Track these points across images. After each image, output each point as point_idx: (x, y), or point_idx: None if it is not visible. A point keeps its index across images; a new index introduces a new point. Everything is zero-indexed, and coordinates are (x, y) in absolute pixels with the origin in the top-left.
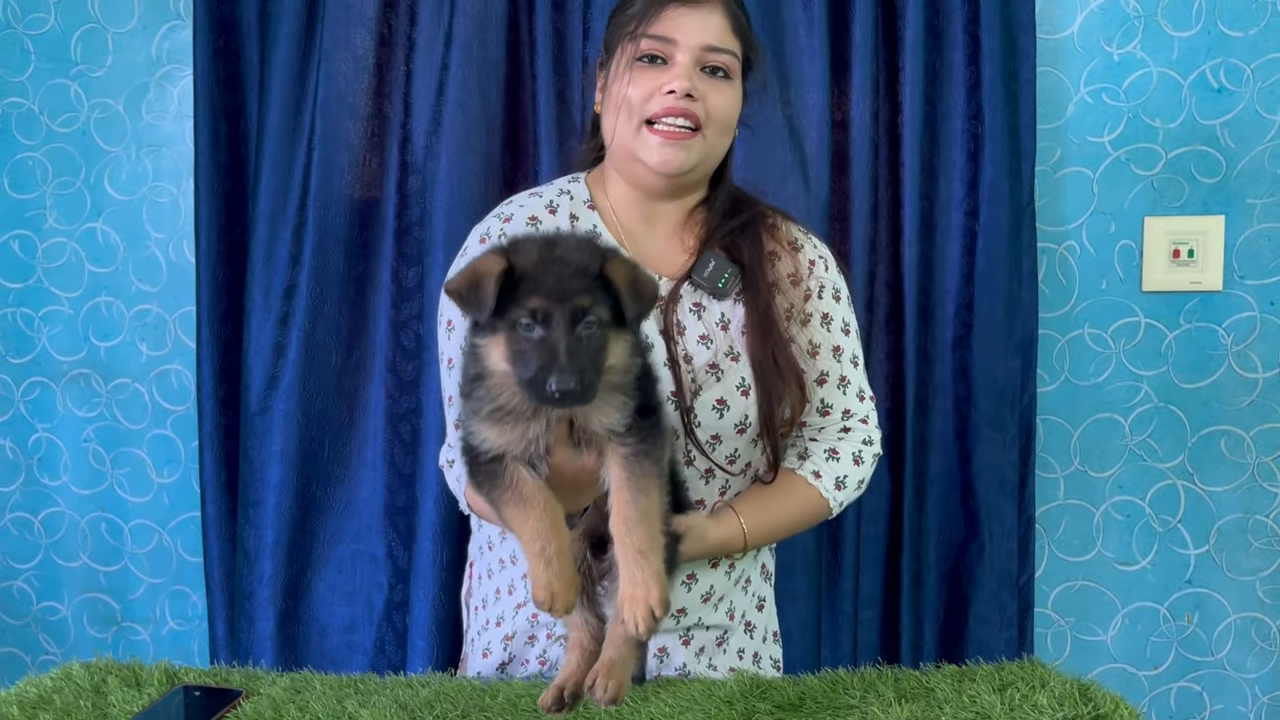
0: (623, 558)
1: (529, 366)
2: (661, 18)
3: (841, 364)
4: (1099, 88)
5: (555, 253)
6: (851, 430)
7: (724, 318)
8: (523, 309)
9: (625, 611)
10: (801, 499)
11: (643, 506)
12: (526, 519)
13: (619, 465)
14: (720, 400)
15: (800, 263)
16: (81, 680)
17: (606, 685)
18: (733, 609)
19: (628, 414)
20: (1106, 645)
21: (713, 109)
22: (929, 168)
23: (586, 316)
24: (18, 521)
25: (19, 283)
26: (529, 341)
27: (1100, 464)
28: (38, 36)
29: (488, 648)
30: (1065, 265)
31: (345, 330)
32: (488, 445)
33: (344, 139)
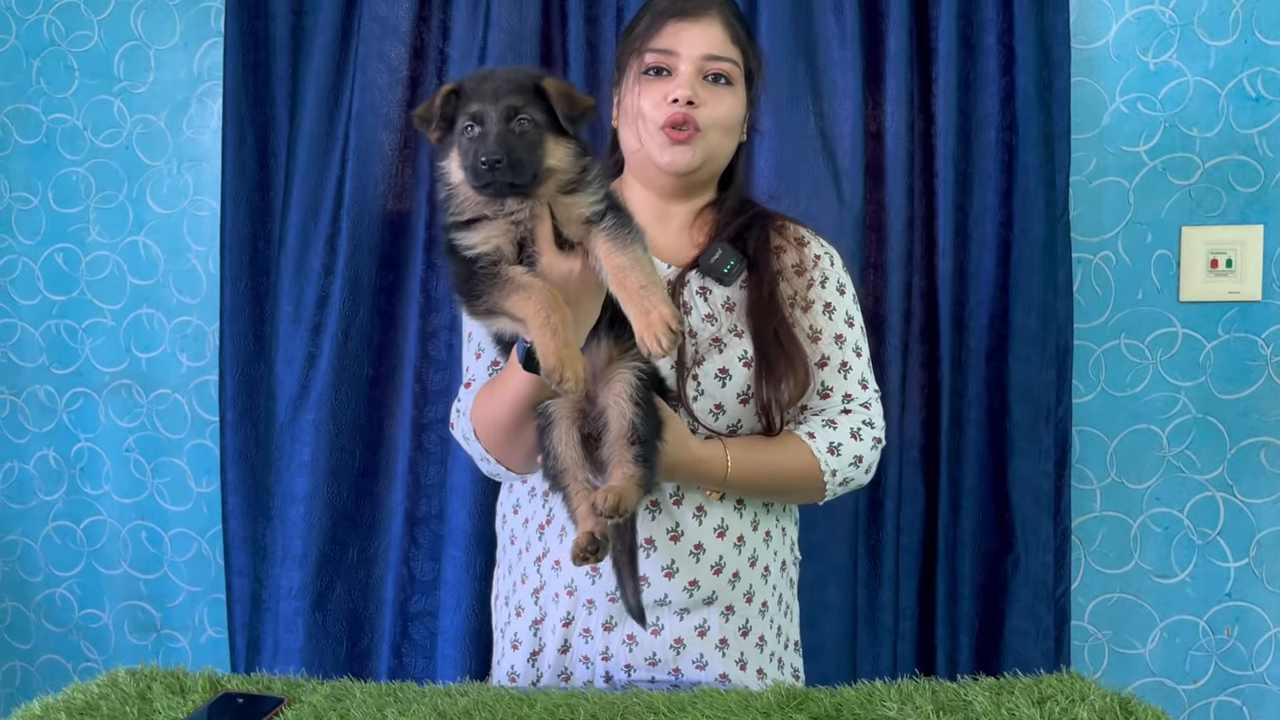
0: (627, 300)
1: (469, 158)
2: (663, 33)
3: (843, 351)
4: (1135, 97)
5: (493, 73)
6: (851, 412)
7: (729, 300)
8: (465, 115)
9: (645, 339)
10: (792, 452)
11: (632, 254)
12: (528, 298)
13: (602, 241)
14: (723, 369)
15: (805, 256)
16: (127, 687)
17: (607, 496)
18: (751, 592)
19: (599, 201)
20: (1145, 659)
21: (714, 114)
22: (963, 178)
23: (519, 115)
24: (61, 530)
25: (63, 295)
26: (471, 140)
27: (1137, 475)
28: (82, 54)
29: (516, 639)
30: (1101, 275)
31: (377, 340)
32: (476, 246)
33: (377, 150)
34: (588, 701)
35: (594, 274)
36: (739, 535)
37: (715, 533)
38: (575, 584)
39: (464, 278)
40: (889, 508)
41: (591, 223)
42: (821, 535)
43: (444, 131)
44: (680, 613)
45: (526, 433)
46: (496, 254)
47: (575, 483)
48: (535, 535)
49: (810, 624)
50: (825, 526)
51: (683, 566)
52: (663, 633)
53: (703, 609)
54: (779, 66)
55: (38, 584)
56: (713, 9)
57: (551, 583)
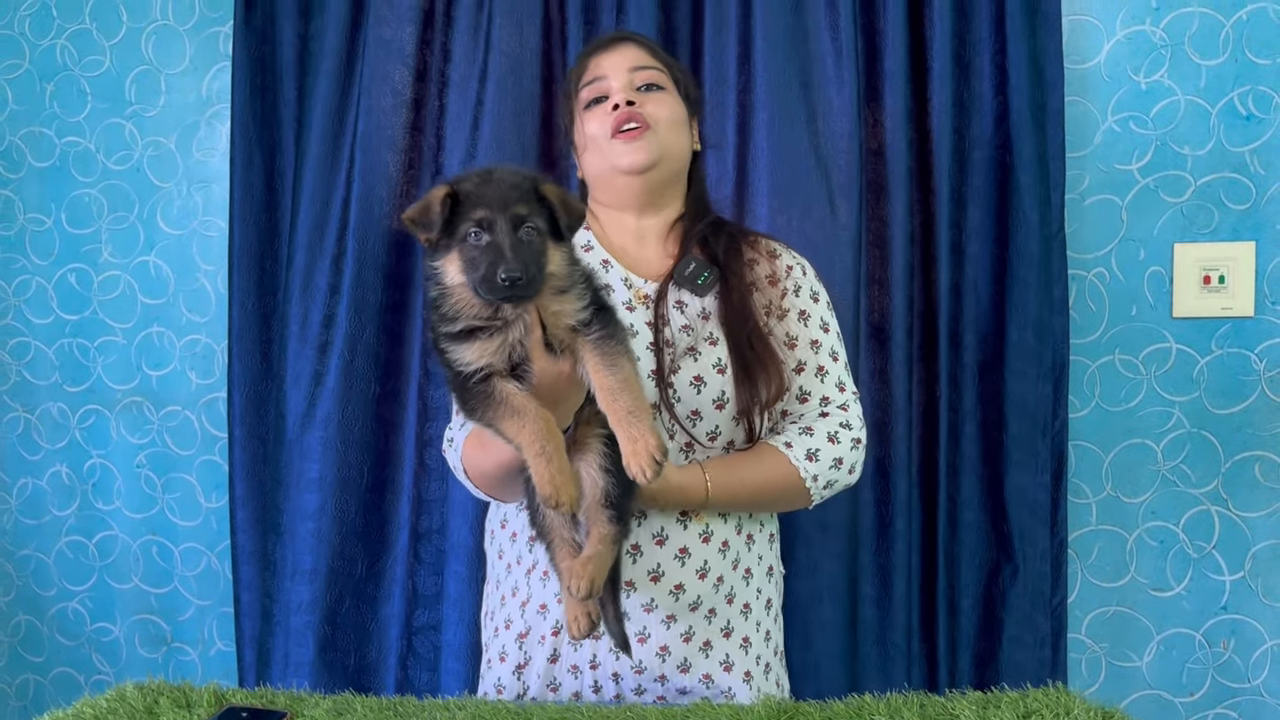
0: (616, 423)
1: (479, 267)
2: (589, 68)
3: (819, 356)
4: (1127, 116)
5: (493, 176)
6: (829, 415)
7: (704, 310)
8: (469, 220)
9: (631, 467)
10: (770, 464)
11: (620, 375)
12: (523, 425)
13: (590, 352)
14: (697, 377)
15: (778, 267)
16: (135, 701)
17: (580, 583)
18: (732, 594)
19: (585, 305)
20: (1141, 671)
21: (654, 111)
22: (958, 196)
23: (526, 223)
24: (73, 545)
25: (75, 314)
26: (477, 248)
27: (1133, 489)
28: (94, 78)
29: (503, 651)
30: (1095, 292)
31: (383, 358)
32: (471, 364)
33: (383, 172)
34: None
35: (580, 377)
36: (723, 540)
37: (700, 538)
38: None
39: (457, 387)
40: (899, 526)
41: (578, 330)
42: (814, 551)
43: (442, 235)
44: (667, 621)
45: (516, 483)
46: (489, 369)
47: (559, 540)
48: (525, 548)
49: (804, 641)
50: (819, 542)
51: (668, 570)
52: (649, 640)
53: (688, 615)
54: (774, 85)
55: (50, 598)
56: (626, 39)
57: (539, 594)
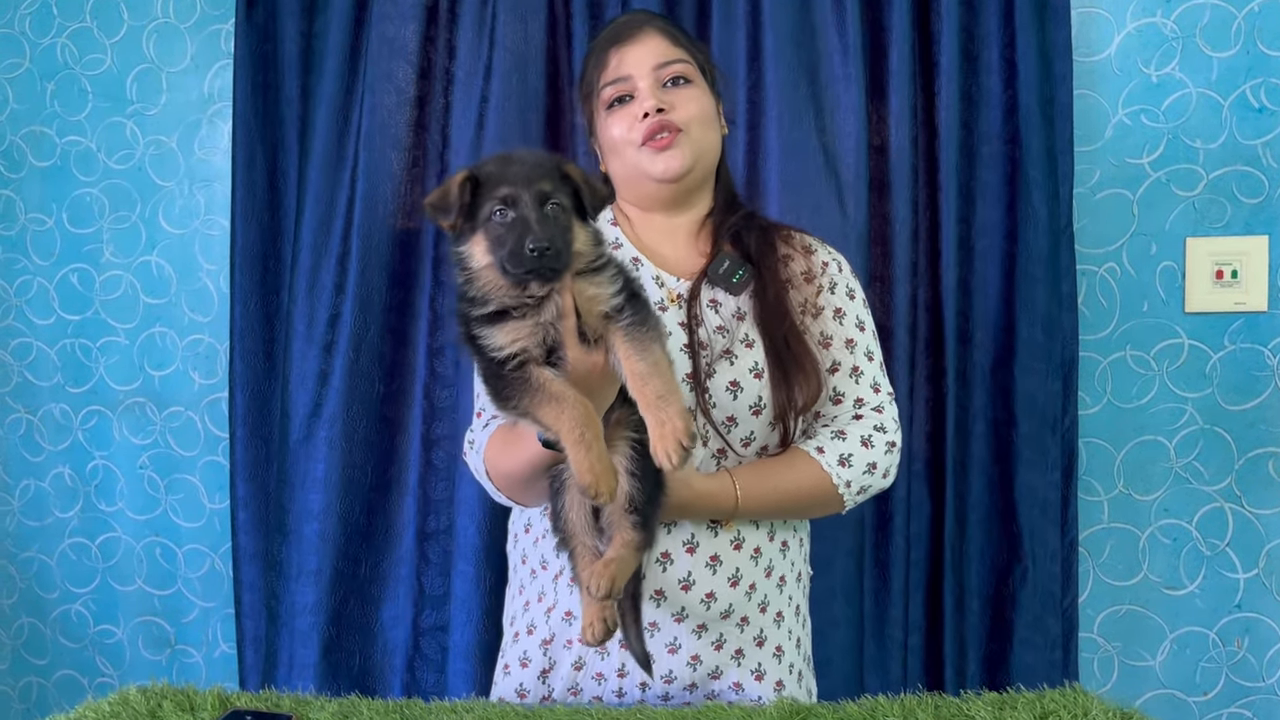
0: (645, 407)
1: (505, 244)
2: (609, 63)
3: (854, 356)
4: (1137, 109)
5: (514, 157)
6: (863, 417)
7: (739, 310)
8: (494, 199)
9: (657, 451)
10: (801, 469)
11: (651, 360)
12: (561, 412)
13: (622, 339)
14: (733, 382)
15: (814, 263)
16: (138, 705)
17: (599, 582)
18: (765, 602)
19: (619, 289)
20: (1155, 670)
21: (685, 112)
22: (966, 192)
23: (551, 199)
24: (76, 547)
25: (77, 314)
26: (502, 226)
27: (1145, 487)
28: (95, 77)
29: (525, 656)
30: (1106, 287)
31: (388, 358)
32: (504, 349)
33: (387, 170)
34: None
35: (613, 368)
36: (755, 547)
37: (732, 544)
38: None
39: (490, 375)
40: (897, 521)
41: (611, 317)
42: (828, 548)
43: (463, 218)
44: (698, 630)
45: (540, 485)
46: (524, 355)
47: (582, 546)
48: (551, 553)
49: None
50: (832, 539)
51: (699, 579)
52: (679, 651)
53: (719, 623)
54: (782, 83)
55: (54, 600)
56: (646, 26)
57: (565, 600)
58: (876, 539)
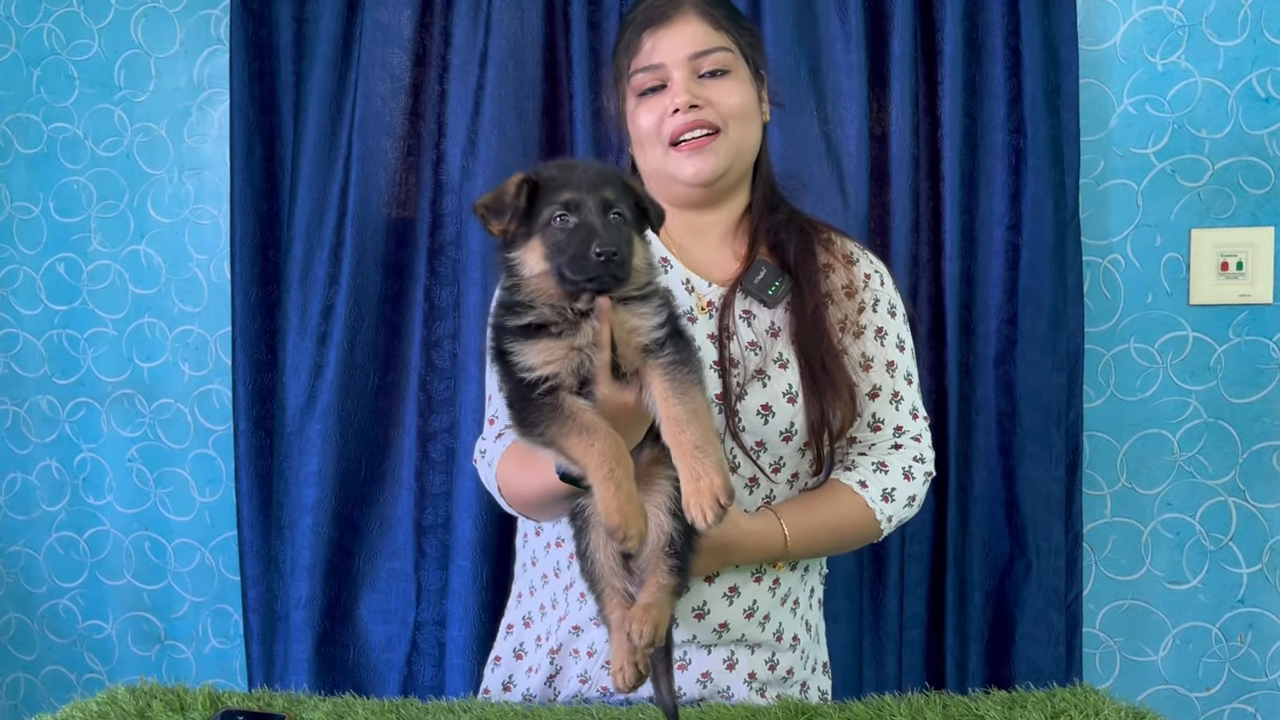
0: (679, 457)
1: (566, 249)
2: (643, 49)
3: (895, 379)
4: (1143, 99)
5: (577, 163)
6: (903, 447)
7: (774, 325)
8: (555, 204)
9: (690, 507)
10: (845, 506)
11: (690, 406)
12: (591, 445)
13: (659, 378)
14: (765, 406)
15: (856, 275)
16: (127, 704)
17: (642, 629)
18: (780, 630)
19: (663, 320)
20: (1157, 666)
21: (723, 108)
22: (969, 182)
23: (614, 208)
24: (64, 541)
25: (64, 305)
26: (564, 231)
27: (1149, 481)
28: (82, 62)
29: (534, 665)
30: (1110, 279)
31: (382, 350)
32: (535, 370)
33: (381, 159)
34: (590, 717)
35: (645, 408)
36: (775, 579)
37: (753, 577)
38: None
39: (517, 398)
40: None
41: (650, 351)
42: None
43: (519, 223)
44: (707, 647)
45: (556, 509)
46: (556, 380)
47: (610, 589)
48: (564, 562)
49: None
50: None
51: (714, 609)
52: (689, 668)
53: (731, 645)
54: (783, 70)
55: (41, 595)
56: (684, 5)
57: (575, 614)
58: None
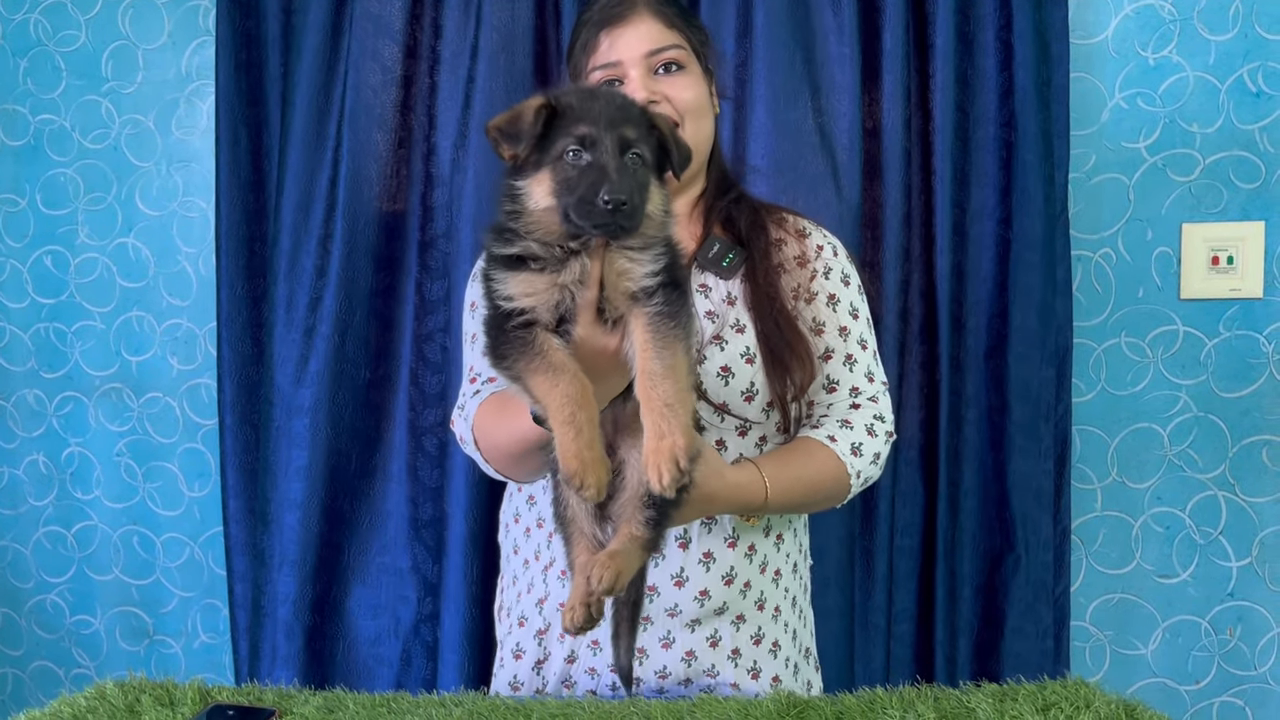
0: (647, 413)
1: (575, 189)
2: (599, 47)
3: (847, 343)
4: (1134, 93)
5: (600, 92)
6: (861, 407)
7: (730, 295)
8: (570, 136)
9: (649, 467)
10: (820, 460)
11: (668, 361)
12: (555, 384)
13: (643, 327)
14: (724, 368)
15: (808, 247)
16: (115, 700)
17: (603, 574)
18: (763, 599)
19: (659, 269)
20: (1147, 659)
21: (679, 103)
22: (961, 175)
23: (633, 148)
24: (51, 535)
25: (52, 298)
26: (575, 168)
27: (1139, 475)
28: (69, 54)
29: (518, 648)
30: (1101, 273)
31: (373, 343)
32: (514, 300)
33: (372, 151)
34: (584, 711)
35: (626, 356)
36: (750, 544)
37: (726, 542)
38: None
39: (492, 325)
40: (882, 509)
41: (638, 299)
42: (821, 538)
43: (531, 150)
44: (691, 624)
45: (534, 462)
46: (532, 314)
47: (580, 533)
48: (544, 543)
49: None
50: (825, 529)
51: (692, 575)
52: (673, 646)
53: (713, 619)
54: (776, 62)
55: (29, 590)
56: (638, 5)
57: (557, 593)
58: (864, 527)
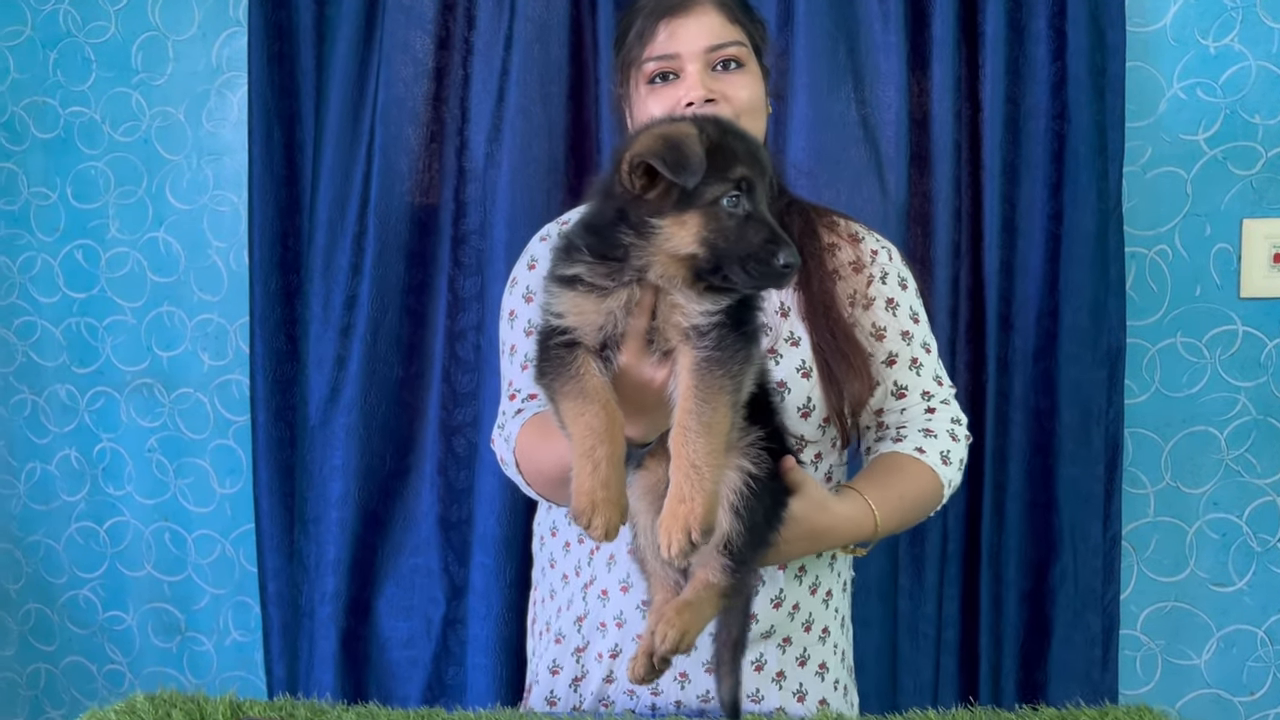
0: (674, 470)
1: (741, 244)
2: (658, 36)
3: (911, 347)
4: (1193, 82)
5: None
6: (936, 411)
7: (783, 306)
8: (728, 181)
9: (661, 530)
10: (914, 475)
11: (706, 417)
12: (582, 413)
13: (689, 371)
14: (780, 383)
15: (862, 251)
16: (145, 713)
17: (667, 632)
18: (810, 620)
19: (719, 307)
20: (1200, 670)
21: (736, 102)
22: (1010, 169)
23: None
24: (84, 531)
25: (83, 292)
26: (734, 217)
27: (1194, 480)
28: (99, 45)
29: (555, 664)
30: (1156, 271)
31: (405, 341)
32: (562, 317)
33: (404, 145)
34: None
35: (669, 395)
36: (801, 565)
37: (777, 565)
38: (625, 616)
39: (541, 335)
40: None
41: (688, 336)
42: None
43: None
44: None
45: None
46: (575, 335)
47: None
48: (585, 560)
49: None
50: None
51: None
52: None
53: (760, 643)
54: (818, 50)
55: (61, 585)
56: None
57: (597, 612)
58: (913, 535)
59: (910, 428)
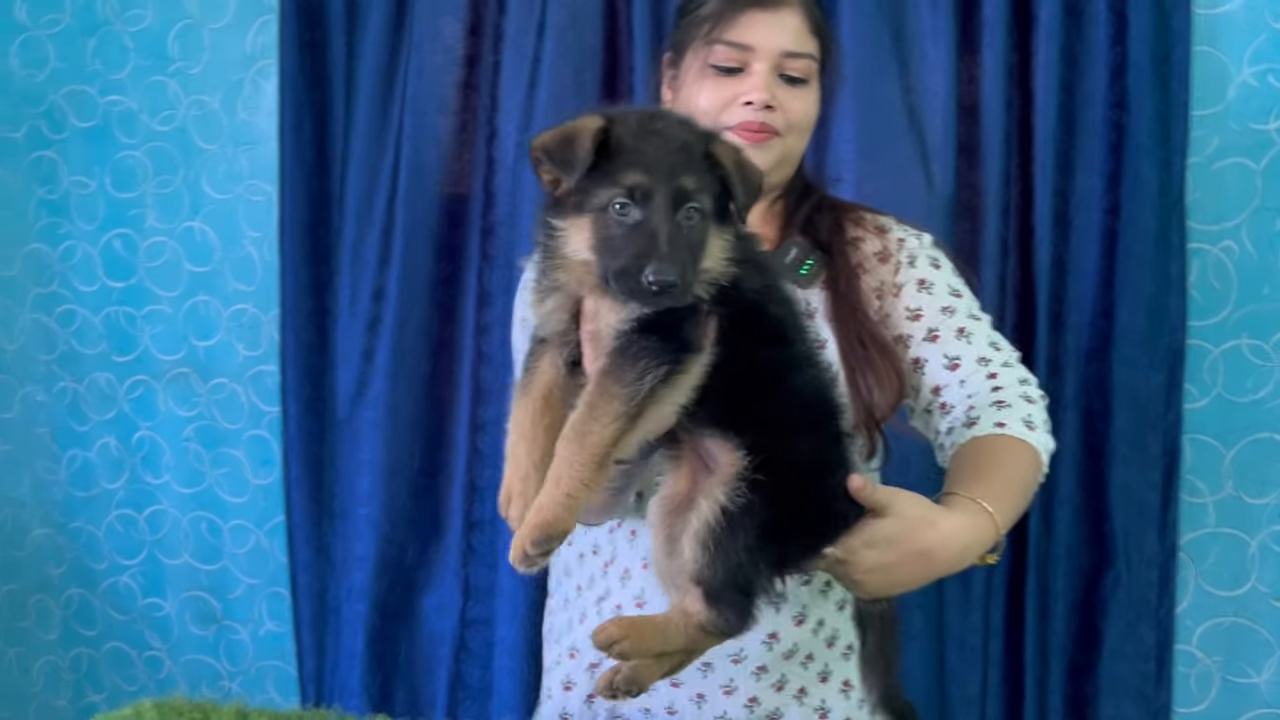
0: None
1: (619, 255)
2: (737, 23)
3: (955, 319)
4: (1264, 68)
5: (657, 125)
6: (998, 375)
7: (810, 306)
8: (619, 186)
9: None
10: (1008, 453)
11: (582, 428)
12: (516, 409)
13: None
14: None
15: (888, 241)
16: None
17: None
18: (835, 636)
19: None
20: (1259, 689)
21: (793, 117)
22: (1064, 160)
23: (690, 202)
24: (123, 518)
25: (121, 281)
26: (622, 225)
27: (1258, 489)
28: (136, 33)
29: (568, 679)
30: (1221, 268)
31: (434, 335)
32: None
33: (433, 135)
34: None
35: None
36: (826, 580)
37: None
38: None
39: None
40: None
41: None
42: None
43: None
44: (757, 672)
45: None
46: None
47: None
48: (598, 573)
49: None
50: None
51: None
52: (736, 692)
53: (781, 663)
54: (862, 35)
55: (102, 571)
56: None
57: None
58: None
59: (980, 405)
